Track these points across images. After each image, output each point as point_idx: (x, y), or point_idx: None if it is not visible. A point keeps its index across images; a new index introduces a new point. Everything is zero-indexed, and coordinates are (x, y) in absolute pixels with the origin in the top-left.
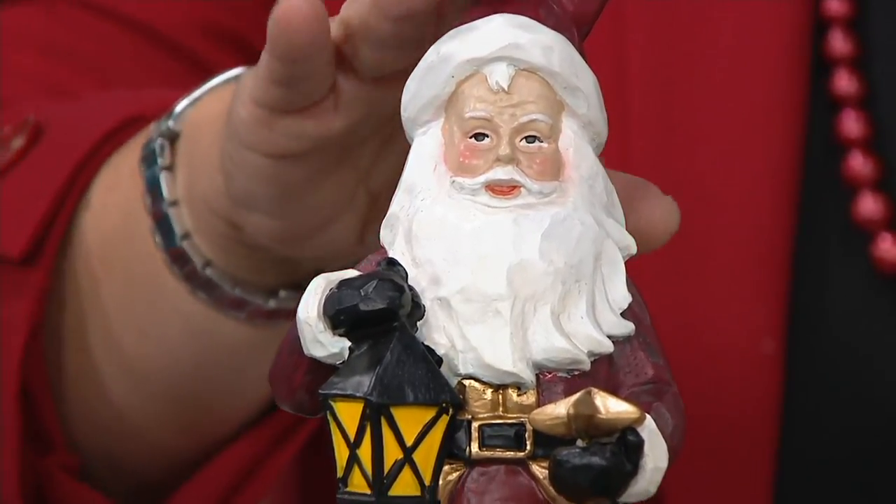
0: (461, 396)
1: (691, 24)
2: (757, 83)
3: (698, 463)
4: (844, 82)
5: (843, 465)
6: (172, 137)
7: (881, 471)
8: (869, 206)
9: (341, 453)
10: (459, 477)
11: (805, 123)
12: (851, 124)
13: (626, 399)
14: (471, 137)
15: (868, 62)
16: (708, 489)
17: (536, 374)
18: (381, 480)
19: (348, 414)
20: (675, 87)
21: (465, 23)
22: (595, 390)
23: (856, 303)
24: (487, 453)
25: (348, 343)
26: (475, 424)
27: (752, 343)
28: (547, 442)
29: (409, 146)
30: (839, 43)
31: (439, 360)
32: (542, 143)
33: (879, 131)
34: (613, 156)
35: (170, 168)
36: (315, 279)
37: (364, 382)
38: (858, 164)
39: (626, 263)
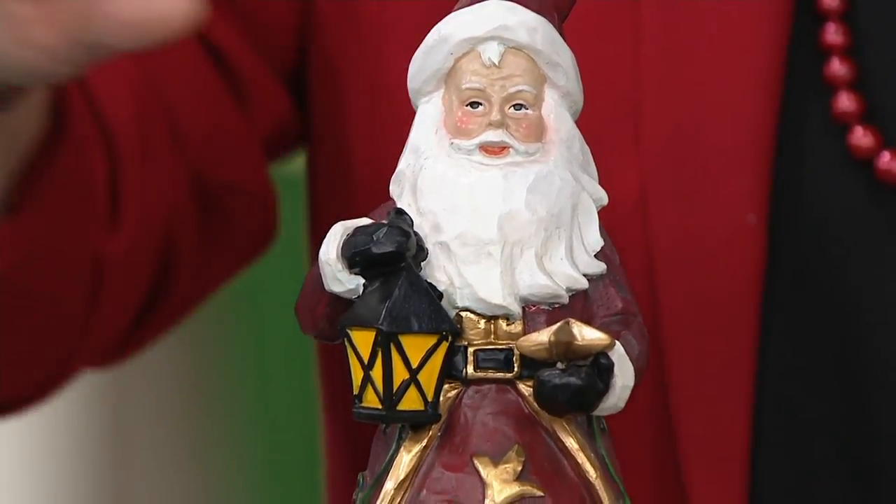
0: (459, 326)
1: None
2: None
3: (692, 316)
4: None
5: (821, 322)
6: None
7: (857, 329)
8: (845, 102)
9: (357, 374)
10: (457, 394)
11: (792, 33)
12: (833, 35)
13: (599, 328)
14: (467, 105)
15: None
16: (700, 343)
17: (522, 307)
18: (390, 397)
19: (362, 341)
20: (681, 5)
21: (463, 7)
22: (572, 321)
23: (833, 183)
24: (481, 374)
25: (363, 280)
26: (471, 350)
27: (740, 215)
28: (531, 364)
29: None
30: None
31: (440, 295)
32: (527, 110)
33: (857, 39)
34: (627, 65)
35: None
36: (334, 226)
37: (376, 314)
38: (837, 67)
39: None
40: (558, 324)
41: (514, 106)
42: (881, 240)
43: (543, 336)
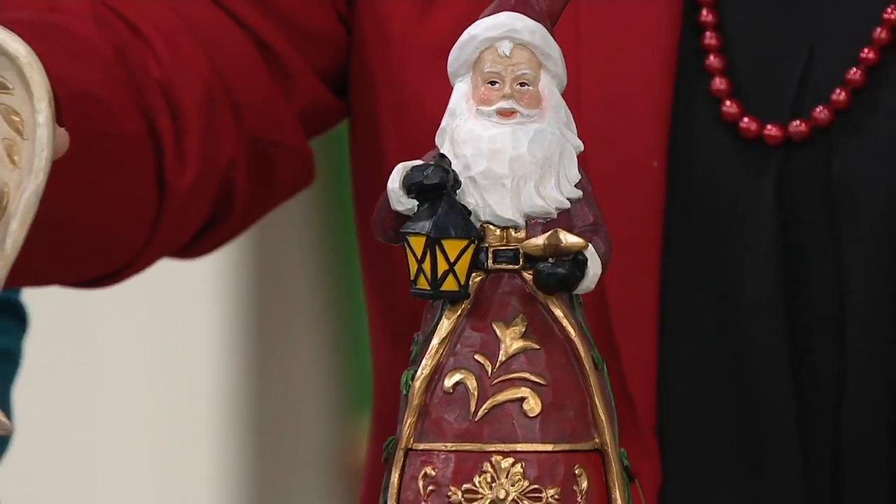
0: (482, 233)
1: None
2: (651, 12)
3: (616, 231)
4: (705, 13)
5: (703, 241)
6: None
7: (729, 250)
8: (718, 84)
9: (413, 266)
10: (481, 279)
11: (682, 37)
12: (709, 39)
13: (578, 234)
14: (488, 83)
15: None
16: (620, 249)
17: (525, 221)
18: (436, 281)
19: (417, 243)
20: (608, 15)
21: (486, 16)
22: (559, 229)
23: (711, 139)
24: (497, 266)
25: (416, 203)
26: (490, 249)
27: (648, 162)
28: (532, 259)
29: None
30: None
31: (469, 213)
32: (529, 87)
33: (726, 42)
34: (571, 55)
35: None
36: (397, 166)
37: (426, 225)
38: (713, 61)
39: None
40: (549, 232)
41: (520, 84)
42: (744, 181)
43: (540, 240)
